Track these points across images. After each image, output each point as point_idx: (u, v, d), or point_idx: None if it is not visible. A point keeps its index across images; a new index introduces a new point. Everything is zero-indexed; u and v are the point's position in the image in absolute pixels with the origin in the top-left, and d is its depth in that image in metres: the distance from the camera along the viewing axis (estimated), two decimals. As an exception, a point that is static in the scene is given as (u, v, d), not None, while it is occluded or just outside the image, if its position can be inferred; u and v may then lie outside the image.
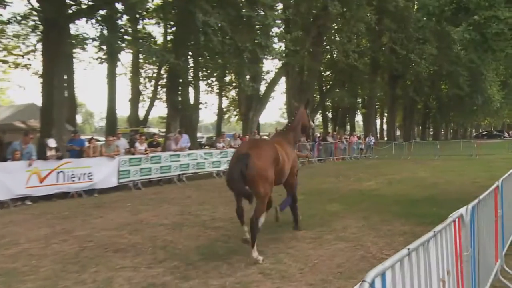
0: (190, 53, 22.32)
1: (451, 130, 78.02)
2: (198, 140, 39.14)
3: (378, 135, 54.99)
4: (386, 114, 62.26)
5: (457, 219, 3.62)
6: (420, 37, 38.13)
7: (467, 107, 54.68)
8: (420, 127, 67.78)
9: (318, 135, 28.77)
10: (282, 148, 7.20)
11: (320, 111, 49.01)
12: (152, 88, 38.28)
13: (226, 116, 51.35)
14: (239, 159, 6.29)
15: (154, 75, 38.20)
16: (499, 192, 5.30)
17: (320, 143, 26.23)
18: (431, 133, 72.13)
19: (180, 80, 21.95)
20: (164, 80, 33.66)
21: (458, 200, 9.95)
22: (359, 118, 59.11)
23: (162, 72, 35.44)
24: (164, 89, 33.32)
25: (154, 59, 25.19)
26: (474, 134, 79.25)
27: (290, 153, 7.54)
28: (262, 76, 32.48)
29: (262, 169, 6.32)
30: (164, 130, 27.05)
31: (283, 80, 37.03)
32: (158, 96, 38.32)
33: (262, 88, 31.22)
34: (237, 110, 44.03)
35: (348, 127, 50.14)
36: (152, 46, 21.73)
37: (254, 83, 23.96)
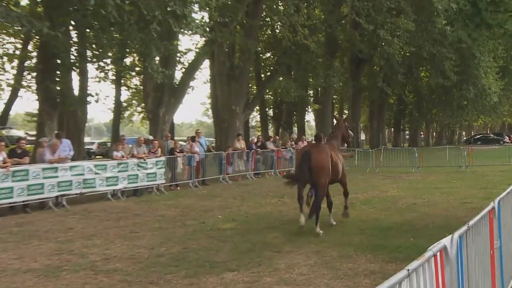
0: (72, 22, 21.81)
1: (434, 133, 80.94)
2: (86, 147, 38.50)
3: (336, 140, 56.01)
4: (346, 112, 63.74)
5: (438, 253, 3.71)
6: (393, 7, 39.12)
7: (455, 102, 56.40)
8: (393, 129, 69.76)
9: (255, 140, 28.63)
10: (333, 151, 11.76)
11: (257, 107, 49.24)
12: (15, 72, 36.99)
13: (127, 113, 50.62)
14: (304, 157, 11.00)
15: (18, 52, 36.90)
16: (495, 216, 5.43)
17: (258, 151, 26.13)
18: (407, 137, 74.56)
19: (59, 61, 21.38)
20: (34, 60, 32.64)
21: (442, 227, 10.37)
22: (310, 117, 60.24)
23: (30, 48, 34.38)
24: (34, 74, 32.28)
25: (16, 28, 24.35)
26: (465, 138, 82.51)
27: (339, 155, 12.23)
28: (178, 59, 32.31)
29: (322, 163, 10.97)
30: (34, 132, 26.25)
31: (206, 64, 37.06)
32: (24, 84, 37.08)
33: (178, 74, 31.11)
34: (142, 105, 43.52)
35: (295, 129, 50.76)
36: (13, 8, 20.93)
37: (166, 67, 23.77)
